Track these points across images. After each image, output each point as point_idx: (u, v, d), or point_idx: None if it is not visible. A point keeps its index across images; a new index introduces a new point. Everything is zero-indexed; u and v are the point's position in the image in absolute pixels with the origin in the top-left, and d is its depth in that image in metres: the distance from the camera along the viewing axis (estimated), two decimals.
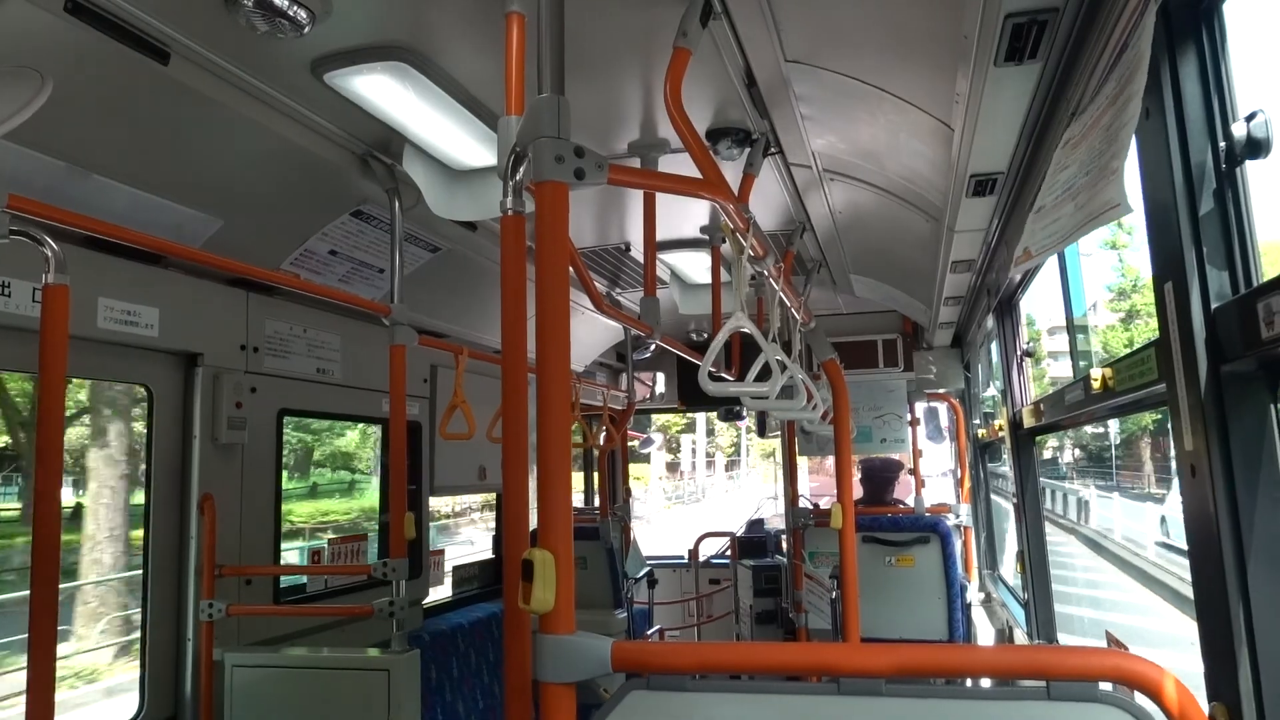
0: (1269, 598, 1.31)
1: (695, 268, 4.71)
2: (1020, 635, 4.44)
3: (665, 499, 34.34)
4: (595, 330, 5.64)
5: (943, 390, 6.17)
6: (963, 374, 5.98)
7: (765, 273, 2.49)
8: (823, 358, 2.95)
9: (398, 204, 2.92)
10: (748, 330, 2.17)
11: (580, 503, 7.48)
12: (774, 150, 2.92)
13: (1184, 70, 1.40)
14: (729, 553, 6.98)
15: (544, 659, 1.13)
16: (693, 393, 6.86)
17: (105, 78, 2.03)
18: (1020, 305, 4.14)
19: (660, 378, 7.06)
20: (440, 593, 4.67)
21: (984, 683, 3.55)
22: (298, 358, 3.34)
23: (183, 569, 2.88)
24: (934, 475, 8.37)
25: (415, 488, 4.02)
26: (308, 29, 1.98)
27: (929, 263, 3.89)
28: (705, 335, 6.01)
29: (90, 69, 1.98)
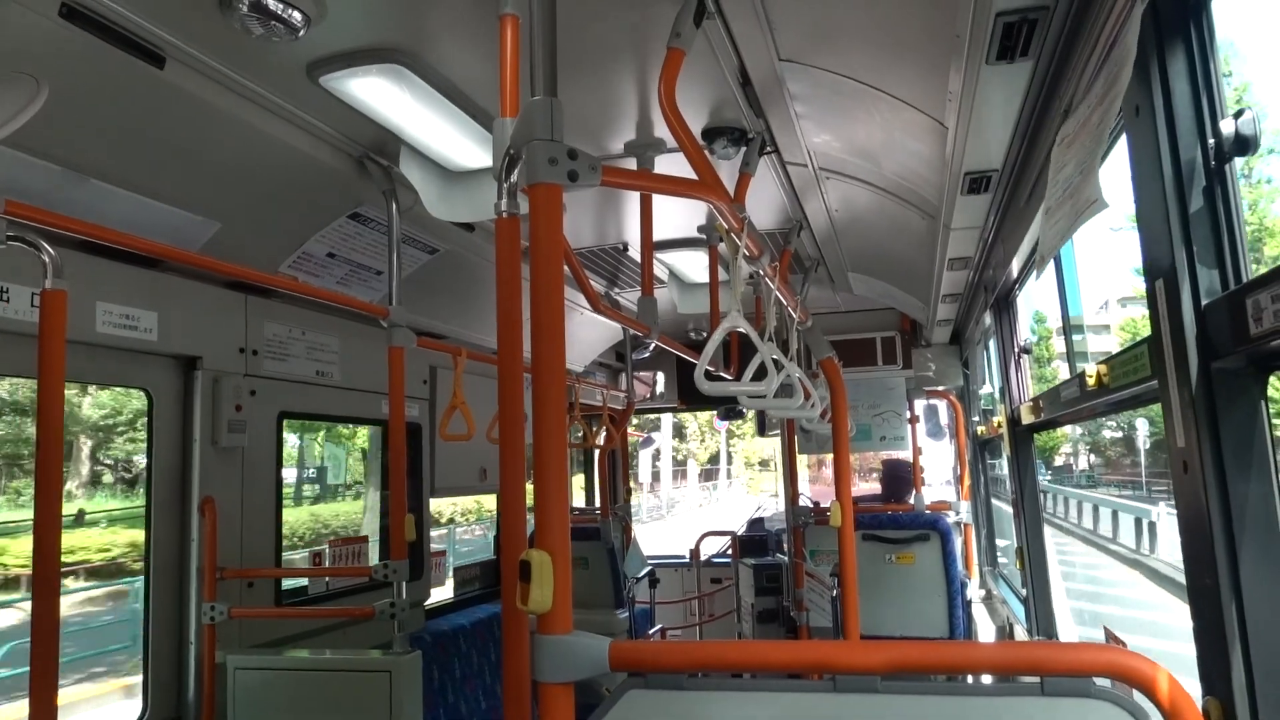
0: (1261, 593, 1.32)
1: (694, 267, 4.71)
2: (1021, 632, 4.45)
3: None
4: (594, 330, 5.64)
5: (942, 387, 6.17)
6: (961, 371, 5.98)
7: (761, 272, 2.49)
8: (820, 356, 2.95)
9: (395, 206, 2.92)
10: (743, 330, 2.18)
11: (581, 502, 7.49)
12: (770, 149, 2.92)
13: (1173, 68, 1.40)
14: (730, 552, 6.98)
15: (542, 659, 1.13)
16: (692, 392, 6.84)
17: (101, 82, 2.04)
18: (1018, 302, 4.15)
19: (660, 377, 7.06)
20: (442, 594, 4.68)
21: (985, 679, 3.56)
22: (297, 360, 3.35)
23: (184, 572, 2.89)
24: (938, 484, 8.22)
25: (416, 489, 4.03)
26: (303, 32, 1.99)
27: (926, 260, 3.90)
28: (704, 334, 6.01)
29: (86, 73, 1.99)
